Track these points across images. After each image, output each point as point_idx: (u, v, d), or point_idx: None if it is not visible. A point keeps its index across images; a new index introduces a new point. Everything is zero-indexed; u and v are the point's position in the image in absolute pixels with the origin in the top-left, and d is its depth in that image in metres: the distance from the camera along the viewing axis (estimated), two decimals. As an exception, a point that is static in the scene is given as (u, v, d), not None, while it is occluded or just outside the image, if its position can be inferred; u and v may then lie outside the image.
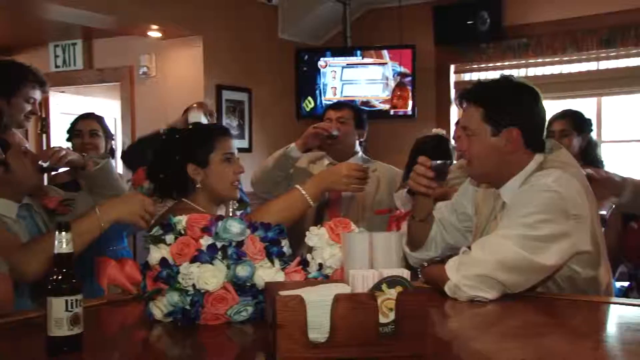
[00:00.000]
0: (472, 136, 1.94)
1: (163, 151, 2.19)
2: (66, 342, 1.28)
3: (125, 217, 1.89)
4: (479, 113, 1.92)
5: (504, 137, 1.91)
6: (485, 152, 1.93)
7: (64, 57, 5.52)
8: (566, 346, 1.40)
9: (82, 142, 3.18)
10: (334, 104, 3.40)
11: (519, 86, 1.97)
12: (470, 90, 1.99)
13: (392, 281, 1.28)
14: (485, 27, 4.92)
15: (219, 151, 2.16)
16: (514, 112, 1.92)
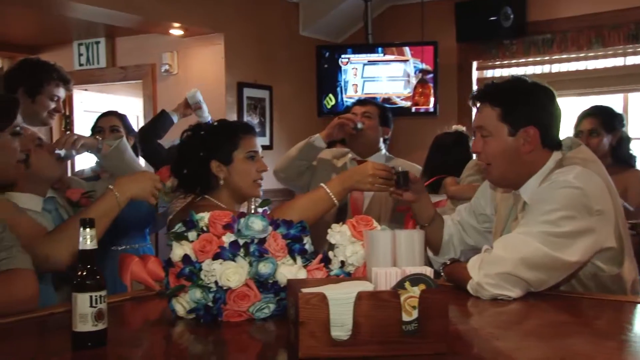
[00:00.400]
0: (489, 137, 1.93)
1: (187, 147, 2.20)
2: (91, 338, 1.30)
3: (138, 194, 1.94)
4: (495, 113, 1.91)
5: (521, 137, 1.89)
6: (502, 152, 1.91)
7: (88, 56, 5.57)
8: (590, 346, 1.38)
9: (104, 138, 3.21)
10: (360, 100, 3.42)
11: (534, 85, 1.95)
12: (485, 91, 1.97)
13: (415, 279, 1.27)
14: (509, 23, 4.86)
15: (242, 149, 2.17)
16: (530, 110, 1.90)
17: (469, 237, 2.19)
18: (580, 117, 3.41)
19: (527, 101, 1.92)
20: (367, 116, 3.20)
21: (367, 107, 3.26)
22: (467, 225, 2.20)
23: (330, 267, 1.62)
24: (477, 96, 1.98)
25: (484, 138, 1.93)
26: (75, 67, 5.50)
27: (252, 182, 2.17)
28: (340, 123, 3.09)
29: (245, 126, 2.25)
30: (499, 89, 1.96)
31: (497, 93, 1.95)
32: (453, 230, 2.21)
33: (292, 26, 5.40)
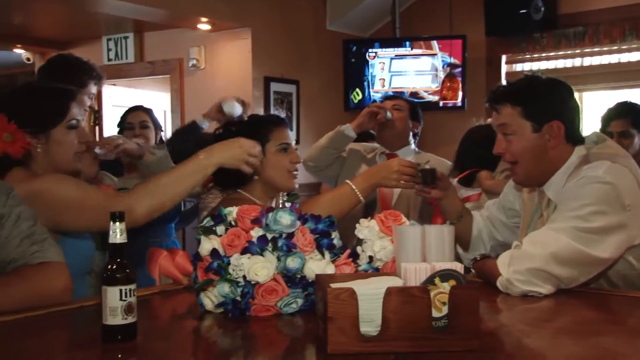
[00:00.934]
0: (512, 135, 1.91)
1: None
2: (121, 331, 1.30)
3: (228, 161, 1.88)
4: (517, 112, 1.89)
5: (546, 132, 1.87)
6: (528, 149, 1.89)
7: (116, 51, 5.63)
8: (624, 345, 1.35)
9: (133, 134, 3.24)
10: (390, 94, 3.51)
11: (551, 80, 1.95)
12: (502, 92, 1.95)
13: (445, 275, 1.25)
14: (539, 16, 4.78)
15: (274, 141, 2.17)
16: (552, 105, 1.89)
17: (498, 233, 2.18)
18: (609, 118, 3.30)
19: (548, 96, 1.90)
20: (397, 109, 3.21)
21: (397, 101, 3.28)
22: (496, 221, 2.18)
23: (359, 262, 1.61)
24: (495, 99, 1.95)
25: (507, 137, 1.91)
26: (104, 62, 5.56)
27: (286, 174, 2.18)
28: (370, 111, 3.09)
29: (275, 118, 2.25)
30: (516, 88, 1.94)
31: (516, 92, 1.92)
32: (482, 226, 2.20)
33: (319, 20, 5.39)
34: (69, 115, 1.90)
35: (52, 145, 1.87)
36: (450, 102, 5.08)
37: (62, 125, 1.88)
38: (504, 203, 2.18)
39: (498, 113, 1.93)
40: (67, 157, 1.91)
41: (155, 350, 1.34)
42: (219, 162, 1.88)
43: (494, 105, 1.95)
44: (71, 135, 1.90)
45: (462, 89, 5.02)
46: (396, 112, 3.19)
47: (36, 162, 1.86)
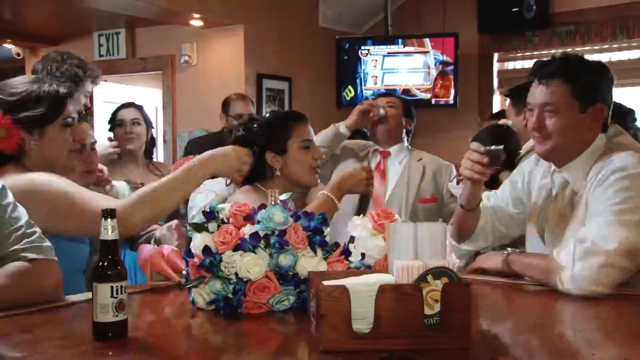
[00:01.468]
0: (556, 113, 1.85)
1: (242, 141, 2.20)
2: (111, 328, 1.30)
3: (223, 171, 1.88)
4: (567, 89, 1.84)
5: (590, 114, 1.85)
6: (570, 129, 1.85)
7: (108, 46, 5.60)
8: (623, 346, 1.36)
9: (125, 131, 3.23)
10: (384, 92, 3.48)
11: (599, 62, 1.93)
12: (555, 65, 1.88)
13: (438, 272, 1.25)
14: (531, 14, 4.80)
15: (296, 138, 2.18)
16: (600, 87, 1.87)
17: (501, 224, 2.12)
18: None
19: (598, 77, 1.88)
20: (390, 106, 3.20)
21: (391, 98, 3.28)
22: (500, 211, 2.12)
23: (351, 259, 1.61)
24: (546, 72, 1.87)
25: (550, 114, 1.85)
26: (95, 57, 5.53)
27: (309, 170, 2.18)
28: (363, 109, 3.09)
29: (296, 114, 2.26)
30: (569, 64, 1.89)
31: (569, 68, 1.87)
32: (487, 217, 2.13)
33: (312, 18, 5.38)
34: (65, 112, 1.88)
35: (47, 142, 1.85)
36: (442, 99, 5.09)
37: (58, 123, 1.86)
38: (509, 192, 2.12)
39: (546, 87, 1.86)
40: (61, 155, 1.89)
41: (147, 348, 1.34)
42: (213, 171, 1.87)
43: (542, 78, 1.87)
44: (66, 133, 1.88)
45: (455, 86, 5.03)
46: (390, 110, 3.19)
47: (29, 159, 1.84)
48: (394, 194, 3.14)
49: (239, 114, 3.89)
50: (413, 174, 3.16)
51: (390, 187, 3.16)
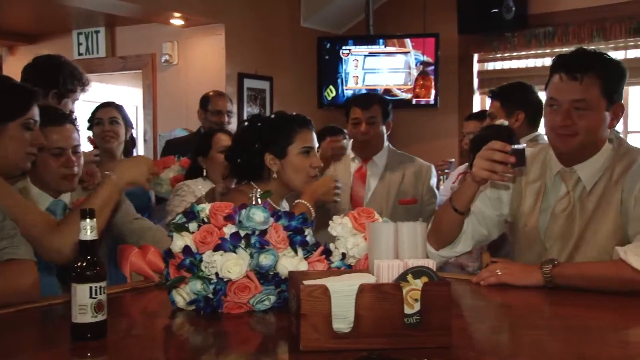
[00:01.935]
0: (587, 110, 1.80)
1: (244, 137, 2.20)
2: (90, 329, 1.29)
3: (136, 179, 1.97)
4: (598, 85, 1.80)
5: (612, 112, 1.85)
6: (596, 127, 1.83)
7: (87, 45, 5.55)
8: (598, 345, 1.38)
9: (103, 130, 3.20)
10: (361, 101, 3.19)
11: (618, 60, 1.90)
12: (590, 59, 1.84)
13: (418, 272, 1.26)
14: (510, 15, 4.84)
15: (298, 143, 2.14)
16: (622, 86, 1.86)
17: (483, 227, 2.04)
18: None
19: (623, 76, 1.86)
20: (371, 122, 3.10)
21: (371, 111, 3.11)
22: (482, 215, 2.04)
23: (332, 259, 1.61)
24: (579, 64, 1.82)
25: (580, 111, 1.81)
26: (75, 56, 5.47)
27: (305, 178, 2.15)
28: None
29: (302, 120, 2.20)
30: (603, 59, 1.85)
31: (603, 63, 1.83)
32: (468, 220, 2.03)
33: (293, 17, 5.38)
34: (28, 114, 1.87)
35: (5, 139, 1.84)
36: (423, 99, 5.12)
37: (19, 122, 1.85)
38: (489, 194, 2.05)
39: (580, 83, 1.80)
40: (18, 155, 1.88)
41: (126, 348, 1.33)
42: (129, 180, 1.96)
43: (574, 72, 1.80)
44: (26, 134, 1.87)
45: (435, 86, 5.06)
46: (371, 128, 3.09)
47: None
48: (375, 196, 3.14)
49: (218, 110, 3.87)
50: (393, 175, 3.16)
51: (370, 189, 3.16)
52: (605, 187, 1.85)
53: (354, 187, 3.16)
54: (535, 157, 2.01)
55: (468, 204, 1.93)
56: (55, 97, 2.80)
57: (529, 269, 1.81)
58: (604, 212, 1.84)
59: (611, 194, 1.84)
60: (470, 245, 2.04)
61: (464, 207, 1.93)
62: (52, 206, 2.20)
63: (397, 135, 4.56)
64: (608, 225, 1.83)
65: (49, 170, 2.16)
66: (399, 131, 5.05)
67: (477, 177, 1.83)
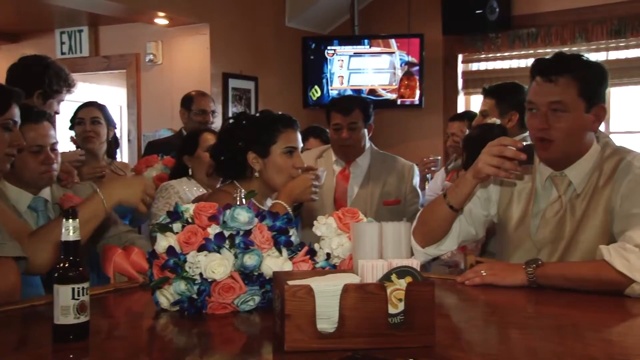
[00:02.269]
0: (564, 112, 1.80)
1: (228, 134, 2.20)
2: (73, 330, 1.28)
3: (127, 199, 1.91)
4: (574, 86, 1.80)
5: (593, 114, 1.84)
6: (576, 130, 1.83)
7: (70, 44, 5.51)
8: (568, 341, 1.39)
9: (84, 129, 3.18)
10: (342, 107, 3.12)
11: (599, 63, 1.91)
12: (564, 61, 1.85)
13: (402, 271, 1.26)
14: (494, 16, 4.88)
15: (281, 143, 2.14)
16: (602, 87, 1.86)
17: (471, 227, 2.03)
18: None
19: (603, 78, 1.86)
20: (352, 128, 3.07)
21: (353, 116, 3.07)
22: (470, 213, 2.03)
23: (316, 259, 1.61)
24: (553, 68, 1.82)
25: (557, 113, 1.81)
26: (57, 55, 5.43)
27: (287, 179, 2.14)
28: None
29: (286, 120, 2.19)
30: (576, 60, 1.85)
31: (579, 65, 1.83)
32: (457, 219, 2.02)
33: (278, 17, 5.37)
34: (6, 114, 1.84)
35: None
36: (408, 100, 5.14)
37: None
38: (479, 193, 2.03)
39: (555, 84, 1.81)
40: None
41: (109, 350, 1.32)
42: (119, 200, 1.92)
43: (549, 74, 1.81)
44: (4, 135, 1.85)
45: (420, 87, 5.08)
46: (353, 133, 3.07)
47: None
48: (358, 198, 3.13)
49: (202, 110, 3.86)
50: (376, 177, 3.16)
51: (354, 190, 3.16)
52: (594, 188, 1.86)
53: (337, 189, 3.16)
54: None
55: (464, 201, 1.92)
56: (40, 97, 2.78)
57: (513, 269, 1.82)
58: (593, 213, 1.85)
59: (600, 194, 1.85)
60: (455, 244, 2.03)
61: (460, 204, 1.92)
62: (34, 203, 2.18)
63: (382, 135, 4.57)
64: (597, 226, 1.84)
65: (28, 168, 2.14)
66: (384, 131, 5.07)
67: (482, 173, 1.81)
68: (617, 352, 1.28)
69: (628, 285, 1.68)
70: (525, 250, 1.96)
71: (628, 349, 1.30)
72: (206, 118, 3.85)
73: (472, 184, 1.88)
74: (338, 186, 3.16)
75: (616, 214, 1.81)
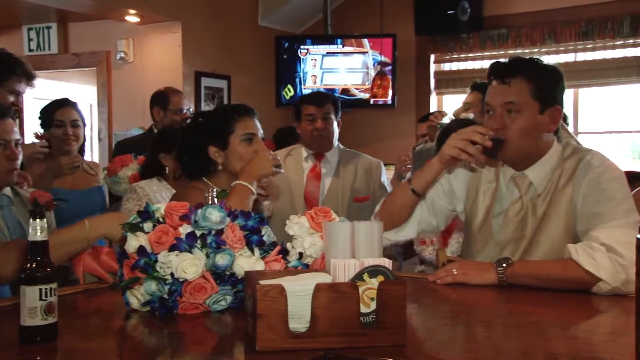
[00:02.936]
0: (517, 112, 1.84)
1: (187, 134, 2.19)
2: (40, 332, 1.25)
3: (112, 233, 1.90)
4: (528, 88, 1.84)
5: (548, 115, 1.87)
6: (529, 130, 1.86)
7: (38, 41, 5.41)
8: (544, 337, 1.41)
9: (65, 132, 3.12)
10: (315, 99, 3.22)
11: (555, 66, 1.95)
12: (518, 64, 1.89)
13: (374, 271, 1.27)
14: (466, 17, 4.92)
15: (239, 132, 2.13)
16: (558, 89, 1.90)
17: (432, 218, 2.06)
18: None
19: (557, 79, 1.90)
20: (326, 118, 3.12)
21: (326, 107, 3.13)
22: (432, 204, 2.06)
23: (289, 258, 1.61)
24: (506, 70, 1.87)
25: (511, 114, 1.85)
26: (25, 52, 5.34)
27: None
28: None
29: (240, 108, 2.19)
30: (530, 63, 1.90)
31: (532, 68, 1.88)
32: (419, 207, 2.05)
33: (251, 16, 5.35)
34: None
35: None
36: (380, 99, 5.15)
37: None
38: (445, 187, 2.06)
39: (508, 86, 1.85)
40: None
41: (78, 351, 1.30)
42: (104, 234, 1.91)
43: (503, 77, 1.86)
44: None
45: (393, 86, 5.10)
46: (327, 123, 3.11)
47: None
48: (329, 194, 3.15)
49: (180, 109, 3.83)
50: (346, 174, 3.18)
51: (325, 188, 3.17)
52: (555, 188, 1.90)
53: (308, 186, 3.16)
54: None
55: (427, 186, 1.97)
56: None
57: (484, 268, 1.85)
58: (554, 212, 1.88)
59: (561, 194, 1.88)
60: (415, 232, 2.07)
61: (423, 189, 1.96)
62: (1, 201, 2.14)
63: (355, 135, 4.58)
64: (559, 225, 1.88)
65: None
66: (357, 131, 5.09)
67: (445, 155, 1.87)
68: (583, 349, 1.30)
69: (595, 284, 1.72)
70: (488, 249, 1.99)
71: (593, 346, 1.33)
72: (184, 116, 3.82)
73: (437, 169, 1.93)
74: (309, 184, 3.16)
75: (578, 213, 1.85)
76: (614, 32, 4.65)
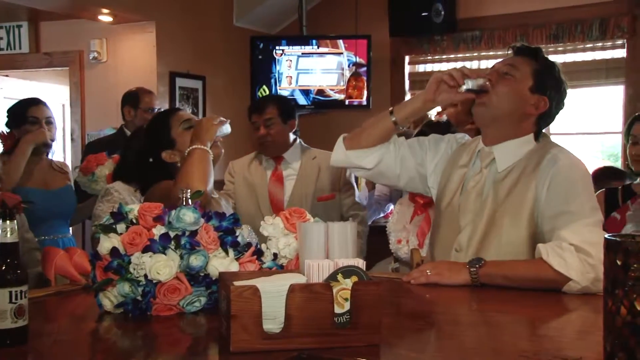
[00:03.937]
0: (511, 77, 1.95)
1: (137, 156, 2.25)
2: (10, 335, 1.24)
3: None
4: (530, 66, 1.96)
5: (534, 99, 1.94)
6: (513, 96, 1.93)
7: (9, 40, 5.33)
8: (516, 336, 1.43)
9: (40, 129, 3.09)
10: (256, 106, 3.23)
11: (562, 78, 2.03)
12: (531, 48, 2.03)
13: (348, 271, 1.28)
14: (440, 19, 4.96)
15: (176, 125, 2.18)
16: (555, 86, 1.97)
17: (397, 166, 2.08)
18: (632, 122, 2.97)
19: (559, 79, 1.99)
20: (268, 124, 3.12)
21: (267, 113, 3.13)
22: (402, 156, 2.09)
23: (263, 259, 1.61)
24: (524, 49, 2.02)
25: (506, 76, 1.95)
26: (-5, 51, 5.26)
27: None
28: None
29: (171, 109, 2.26)
30: (542, 53, 2.02)
31: (541, 55, 2.00)
32: (390, 146, 2.08)
33: (226, 16, 5.33)
34: None
35: None
36: (355, 100, 5.17)
37: None
38: (418, 146, 2.11)
39: (516, 58, 2.00)
40: None
41: (50, 355, 1.29)
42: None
43: (518, 52, 2.01)
44: None
45: (367, 88, 5.12)
46: (270, 129, 3.12)
47: None
48: (293, 196, 3.14)
49: (151, 108, 3.81)
50: (309, 173, 3.18)
51: (288, 190, 3.16)
52: (519, 177, 1.92)
53: (272, 191, 3.16)
54: (468, 146, 2.09)
55: (408, 117, 2.05)
56: None
57: (457, 268, 1.87)
58: (516, 202, 1.90)
59: (525, 185, 1.90)
60: (373, 164, 2.06)
61: (402, 119, 2.04)
62: None
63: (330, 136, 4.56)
64: (521, 216, 1.89)
65: None
66: (332, 132, 5.04)
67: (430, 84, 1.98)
68: (553, 347, 1.32)
69: (565, 283, 1.75)
70: (451, 226, 2.01)
71: (563, 344, 1.35)
72: None
73: (418, 103, 2.03)
74: (272, 188, 3.17)
75: (543, 211, 1.87)
76: (583, 35, 4.73)
